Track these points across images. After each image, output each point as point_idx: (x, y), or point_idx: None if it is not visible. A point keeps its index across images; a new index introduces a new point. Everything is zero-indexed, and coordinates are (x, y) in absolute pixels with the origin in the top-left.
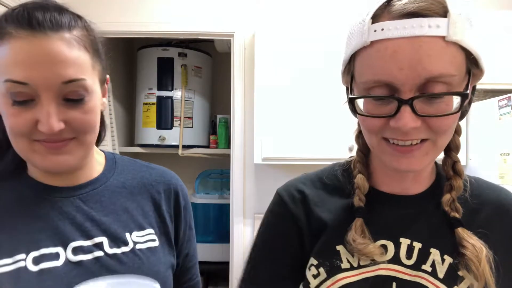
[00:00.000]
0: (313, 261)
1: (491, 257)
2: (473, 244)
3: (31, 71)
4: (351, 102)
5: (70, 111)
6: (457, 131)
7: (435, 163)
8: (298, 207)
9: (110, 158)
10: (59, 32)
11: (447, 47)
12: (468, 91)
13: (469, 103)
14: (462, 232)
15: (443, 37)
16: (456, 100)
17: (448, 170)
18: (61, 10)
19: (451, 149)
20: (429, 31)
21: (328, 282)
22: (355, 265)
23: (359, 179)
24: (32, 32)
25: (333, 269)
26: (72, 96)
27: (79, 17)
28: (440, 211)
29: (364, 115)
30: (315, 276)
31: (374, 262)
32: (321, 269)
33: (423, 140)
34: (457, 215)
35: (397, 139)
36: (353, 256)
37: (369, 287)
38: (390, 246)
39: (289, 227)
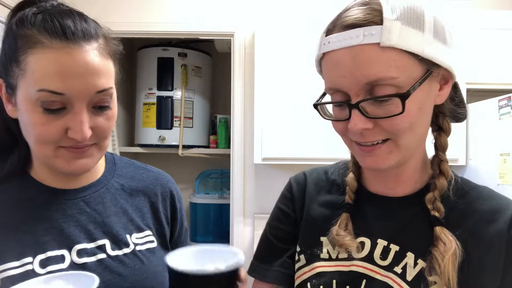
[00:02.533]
0: (297, 247)
1: (459, 256)
2: (445, 242)
3: (68, 82)
4: (315, 108)
5: (97, 117)
6: (446, 131)
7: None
8: (299, 193)
9: (109, 159)
10: (90, 42)
11: (383, 52)
12: (410, 92)
13: (456, 103)
14: (440, 231)
15: (378, 44)
16: (405, 101)
17: (435, 169)
18: (85, 18)
19: (437, 148)
20: (364, 40)
21: (306, 269)
22: (334, 257)
23: (349, 178)
24: (67, 43)
25: (312, 257)
26: (101, 104)
27: (97, 25)
28: (425, 214)
29: (327, 118)
30: (295, 262)
31: (350, 258)
32: (302, 256)
33: (385, 140)
34: (437, 214)
35: (357, 140)
36: (334, 248)
37: (341, 279)
38: (367, 243)
39: (289, 206)
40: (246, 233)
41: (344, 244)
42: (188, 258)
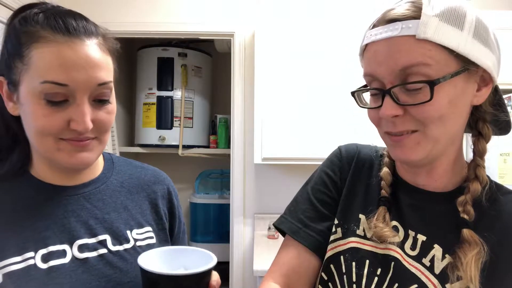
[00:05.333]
0: (335, 220)
1: (483, 256)
2: (470, 243)
3: (71, 74)
4: (353, 96)
5: (97, 111)
6: (485, 136)
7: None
8: (347, 164)
9: (108, 159)
10: (91, 38)
11: (418, 43)
12: (441, 81)
13: (498, 108)
14: (467, 233)
15: (414, 36)
16: (434, 91)
17: (471, 173)
18: (85, 17)
19: (474, 152)
20: (401, 32)
21: (341, 242)
22: (369, 236)
23: (383, 173)
24: (70, 38)
25: (349, 232)
26: (101, 97)
27: (96, 25)
28: (454, 214)
29: (362, 106)
30: (332, 233)
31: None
32: (339, 229)
33: (414, 131)
34: (466, 217)
35: (388, 131)
36: (370, 229)
37: (374, 261)
38: (401, 230)
39: (336, 173)
40: (246, 233)
41: (383, 235)
42: (160, 259)
